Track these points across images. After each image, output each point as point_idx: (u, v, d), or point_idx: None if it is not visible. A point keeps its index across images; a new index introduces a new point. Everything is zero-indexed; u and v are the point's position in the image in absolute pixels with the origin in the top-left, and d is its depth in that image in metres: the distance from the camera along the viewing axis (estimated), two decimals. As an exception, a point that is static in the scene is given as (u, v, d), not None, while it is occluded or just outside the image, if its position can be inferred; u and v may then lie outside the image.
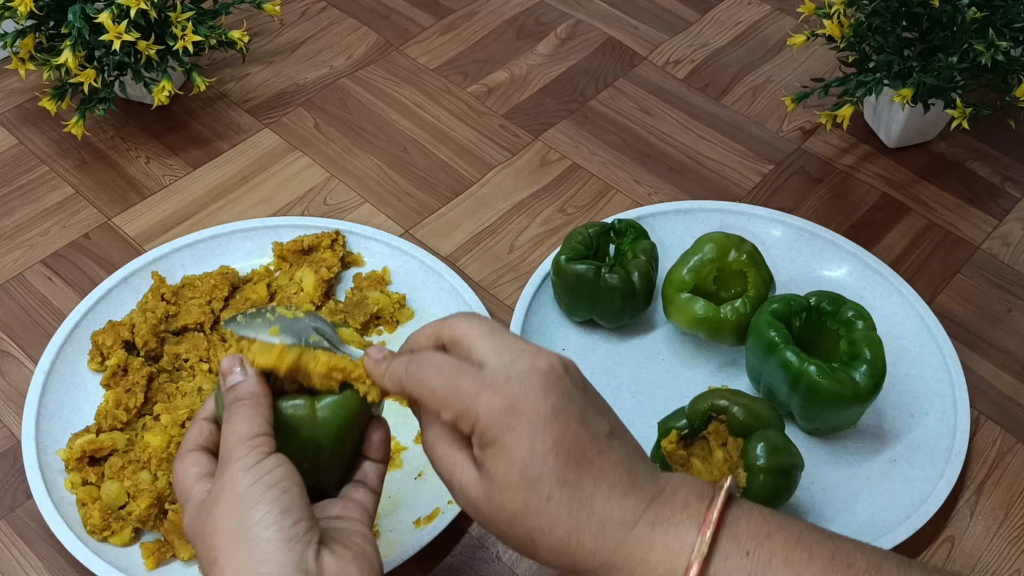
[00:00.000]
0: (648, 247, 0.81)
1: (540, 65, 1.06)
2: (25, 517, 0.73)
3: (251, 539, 0.50)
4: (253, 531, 0.50)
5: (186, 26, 0.89)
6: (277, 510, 0.51)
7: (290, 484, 0.52)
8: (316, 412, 0.56)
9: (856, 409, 0.73)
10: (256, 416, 0.55)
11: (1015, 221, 0.93)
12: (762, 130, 1.00)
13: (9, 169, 0.95)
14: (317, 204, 0.93)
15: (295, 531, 0.51)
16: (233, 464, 0.53)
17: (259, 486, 0.52)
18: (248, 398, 0.55)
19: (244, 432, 0.54)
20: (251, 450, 0.53)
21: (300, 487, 0.53)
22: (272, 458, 0.53)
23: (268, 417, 0.55)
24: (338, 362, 0.57)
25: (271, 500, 0.51)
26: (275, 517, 0.51)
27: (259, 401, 0.55)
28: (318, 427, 0.56)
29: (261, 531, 0.50)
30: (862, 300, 0.83)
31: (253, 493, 0.51)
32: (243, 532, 0.51)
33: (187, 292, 0.83)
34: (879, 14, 0.88)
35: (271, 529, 0.50)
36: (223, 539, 0.51)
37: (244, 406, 0.55)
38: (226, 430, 0.55)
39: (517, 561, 0.71)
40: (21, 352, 0.82)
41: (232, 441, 0.54)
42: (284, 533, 0.50)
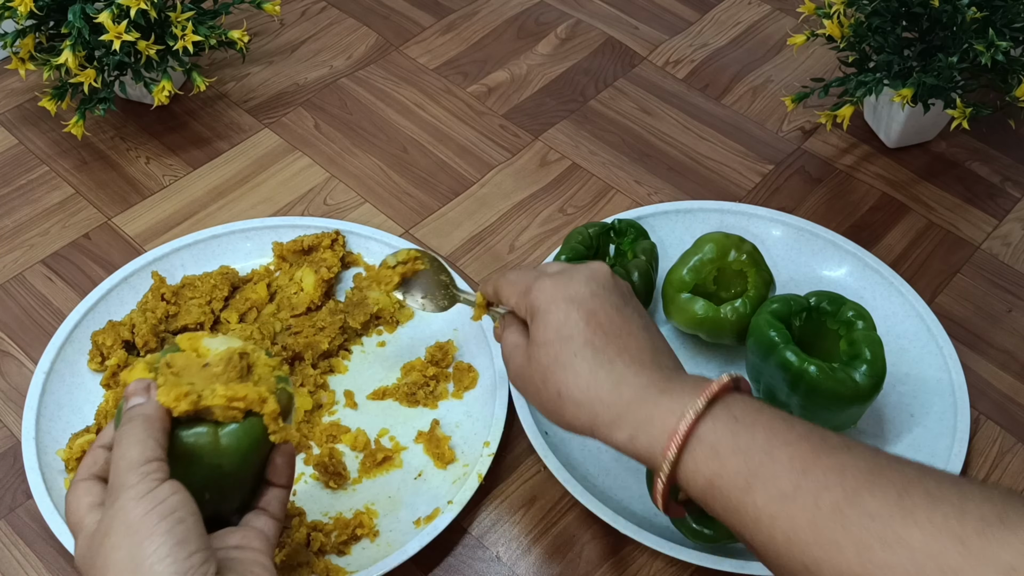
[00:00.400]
0: (648, 247, 0.81)
1: (540, 65, 1.06)
2: (25, 517, 0.73)
3: (144, 573, 0.48)
4: (146, 564, 0.48)
5: (186, 26, 0.89)
6: (172, 542, 0.49)
7: (185, 513, 0.51)
8: (219, 439, 0.55)
9: (856, 409, 0.73)
10: (148, 440, 0.52)
11: (1015, 221, 0.93)
12: (762, 130, 1.00)
13: (9, 169, 0.95)
14: (317, 204, 0.93)
15: (190, 563, 0.49)
16: (124, 493, 0.51)
17: (152, 516, 0.50)
18: (141, 418, 0.53)
19: (135, 458, 0.52)
20: (143, 477, 0.51)
21: (196, 516, 0.51)
22: (166, 486, 0.51)
23: (161, 441, 0.53)
24: (237, 392, 0.55)
25: (165, 531, 0.49)
26: (169, 549, 0.49)
27: (153, 424, 0.53)
28: (221, 454, 0.55)
29: (155, 564, 0.48)
30: (862, 300, 0.83)
31: (146, 523, 0.49)
32: (135, 566, 0.49)
33: (187, 292, 0.83)
34: (879, 14, 0.88)
35: (165, 562, 0.49)
36: (115, 572, 0.49)
37: (137, 428, 0.53)
38: (116, 455, 0.52)
39: (517, 561, 0.71)
40: (21, 352, 0.82)
41: (122, 467, 0.52)
42: (179, 566, 0.49)
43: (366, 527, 0.71)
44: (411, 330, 0.83)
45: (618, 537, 0.71)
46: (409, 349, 0.82)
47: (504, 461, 0.75)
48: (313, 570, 0.68)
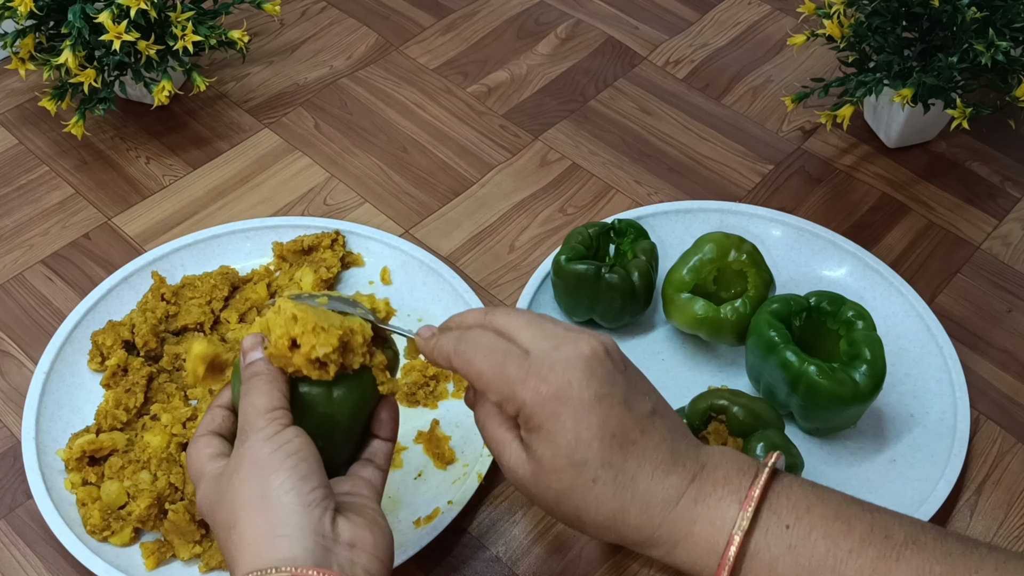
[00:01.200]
0: (648, 247, 0.81)
1: (540, 65, 1.06)
2: (25, 517, 0.73)
3: (270, 504, 0.51)
4: (273, 496, 0.51)
5: (186, 26, 0.89)
6: (296, 476, 0.52)
7: (308, 453, 0.54)
8: (332, 391, 0.57)
9: (856, 409, 0.73)
10: (273, 391, 0.56)
11: (1015, 221, 0.93)
12: (762, 130, 1.00)
13: (9, 169, 0.95)
14: (317, 204, 0.93)
15: (313, 496, 0.52)
16: (253, 435, 0.54)
17: (279, 454, 0.53)
18: (266, 372, 0.56)
19: (262, 405, 0.55)
20: (270, 422, 0.54)
21: (317, 457, 0.54)
22: (290, 430, 0.54)
23: (285, 392, 0.56)
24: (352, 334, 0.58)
25: (291, 467, 0.52)
26: (294, 483, 0.52)
27: (276, 376, 0.56)
28: (333, 405, 0.58)
29: (281, 496, 0.51)
30: (862, 300, 0.83)
31: (273, 461, 0.52)
32: (262, 497, 0.52)
33: (187, 292, 0.83)
34: (879, 14, 0.88)
35: (290, 494, 0.51)
36: (242, 504, 0.52)
37: (262, 380, 0.56)
38: (244, 403, 0.56)
39: (517, 561, 0.71)
40: (21, 352, 0.82)
41: (251, 413, 0.55)
42: (303, 498, 0.52)
43: (366, 527, 0.71)
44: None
45: (618, 537, 0.71)
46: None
47: (504, 461, 0.75)
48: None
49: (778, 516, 0.50)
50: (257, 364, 0.57)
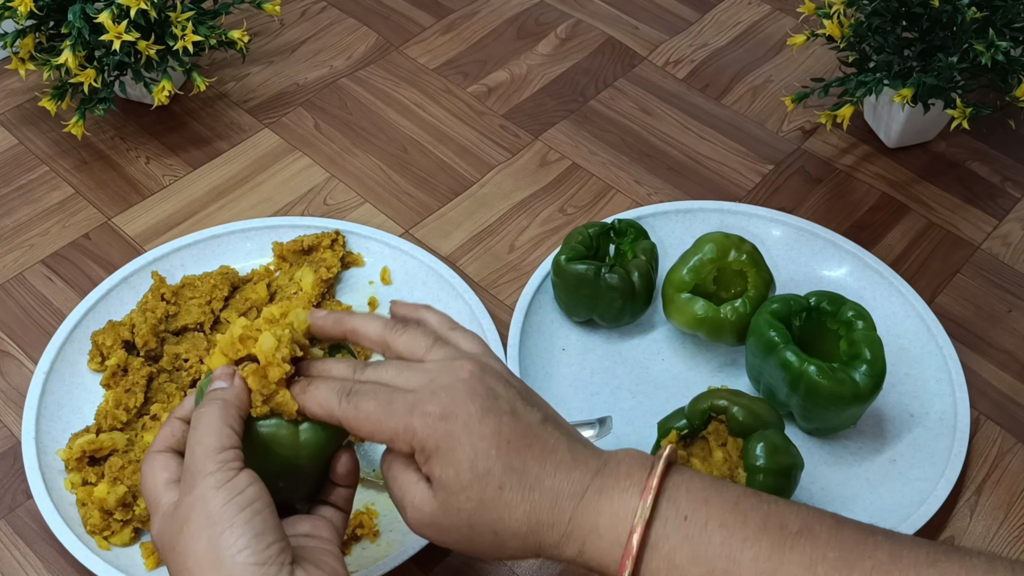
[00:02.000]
0: (648, 247, 0.81)
1: (540, 65, 1.06)
2: (25, 517, 0.73)
3: (224, 564, 0.50)
4: (226, 555, 0.50)
5: (186, 26, 0.89)
6: (250, 534, 0.50)
7: (262, 505, 0.52)
8: (298, 433, 0.56)
9: (856, 409, 0.73)
10: (224, 427, 0.53)
11: (1015, 221, 0.93)
12: (762, 130, 1.00)
13: (9, 169, 0.95)
14: (317, 204, 0.93)
15: (268, 554, 0.50)
16: (202, 480, 0.52)
17: (231, 507, 0.51)
18: (220, 404, 0.54)
19: (212, 445, 0.53)
20: (221, 466, 0.52)
21: (271, 507, 0.52)
22: (243, 476, 0.52)
23: (237, 429, 0.54)
24: None
25: (244, 523, 0.51)
26: (248, 541, 0.50)
27: (230, 411, 0.54)
28: (299, 448, 0.56)
29: (235, 555, 0.50)
30: (862, 300, 0.83)
31: (225, 514, 0.51)
32: (216, 557, 0.50)
33: (187, 292, 0.83)
34: (879, 14, 0.88)
35: (244, 553, 0.50)
36: (195, 561, 0.51)
37: (214, 413, 0.54)
38: (193, 439, 0.54)
39: (517, 561, 0.71)
40: (21, 352, 0.82)
41: (199, 453, 0.53)
42: (257, 557, 0.50)
43: (366, 527, 0.71)
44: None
45: (618, 537, 0.71)
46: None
47: (504, 461, 0.75)
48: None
49: (676, 507, 0.51)
50: (216, 392, 0.55)
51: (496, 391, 0.54)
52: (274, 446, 0.56)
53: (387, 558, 0.68)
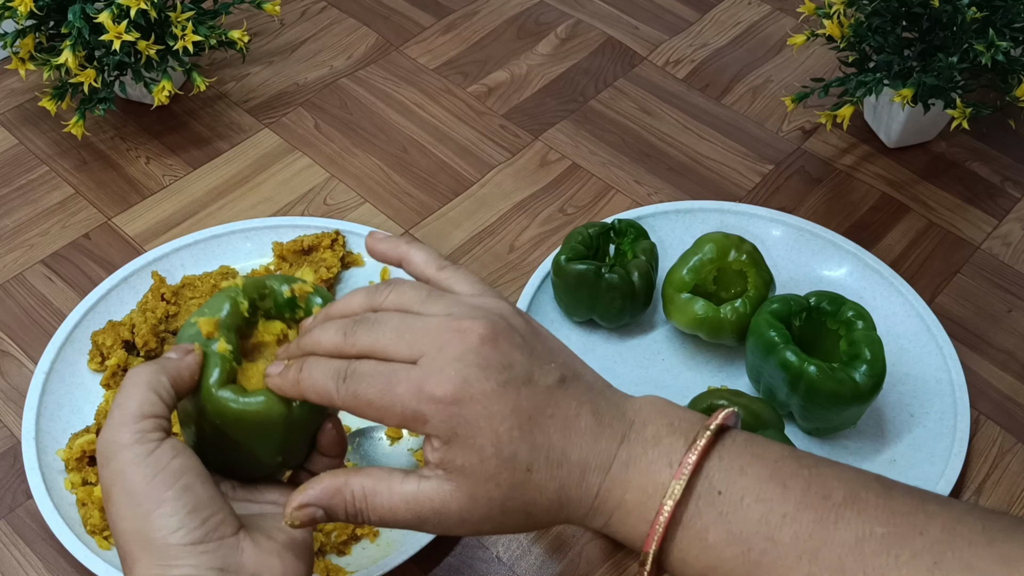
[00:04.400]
0: (648, 247, 0.81)
1: (540, 65, 1.06)
2: (25, 517, 0.73)
3: (157, 545, 0.47)
4: (157, 536, 0.47)
5: (186, 26, 0.89)
6: (183, 511, 0.47)
7: (192, 478, 0.48)
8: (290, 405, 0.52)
9: (856, 409, 0.73)
10: (149, 392, 0.49)
11: (1015, 221, 0.93)
12: (762, 130, 1.00)
13: (9, 169, 0.95)
14: (317, 204, 0.93)
15: (204, 530, 0.47)
16: (119, 453, 0.48)
17: (157, 485, 0.47)
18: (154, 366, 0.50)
19: (131, 411, 0.48)
20: (139, 436, 0.48)
21: (202, 477, 0.49)
22: (166, 447, 0.48)
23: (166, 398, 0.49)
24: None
25: (173, 499, 0.47)
26: (181, 520, 0.47)
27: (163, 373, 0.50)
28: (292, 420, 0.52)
29: (167, 536, 0.47)
30: (862, 300, 0.83)
31: (151, 494, 0.47)
32: (146, 539, 0.47)
33: (187, 292, 0.83)
34: (879, 14, 0.88)
35: (178, 533, 0.47)
36: (127, 542, 0.47)
37: (143, 374, 0.49)
38: (114, 403, 0.49)
39: (517, 561, 0.71)
40: (21, 352, 0.82)
41: (116, 419, 0.48)
42: (193, 535, 0.47)
43: (366, 527, 0.71)
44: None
45: (618, 537, 0.71)
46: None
47: (504, 461, 0.75)
48: (313, 570, 0.68)
49: (710, 481, 0.47)
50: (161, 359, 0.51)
51: (510, 358, 0.49)
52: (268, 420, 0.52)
53: (387, 558, 0.68)
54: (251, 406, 0.51)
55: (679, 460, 0.47)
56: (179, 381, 0.51)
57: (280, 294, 0.56)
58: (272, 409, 0.52)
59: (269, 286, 0.56)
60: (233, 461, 0.54)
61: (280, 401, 0.52)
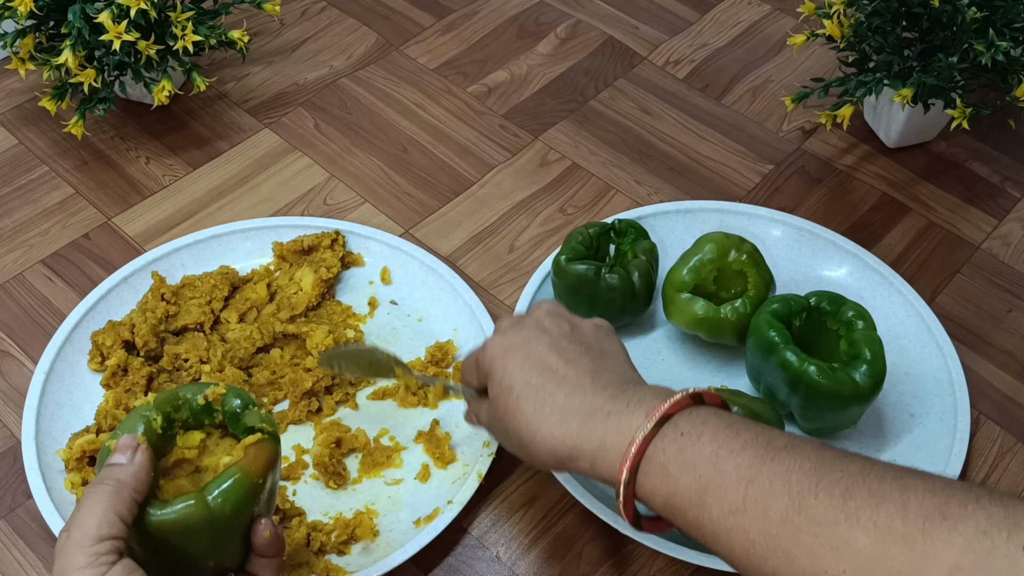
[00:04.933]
0: (648, 247, 0.81)
1: (540, 65, 1.06)
2: (25, 517, 0.73)
3: None
4: None
5: (186, 26, 0.89)
6: None
7: None
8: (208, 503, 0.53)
9: (856, 409, 0.73)
10: (109, 512, 0.50)
11: (1015, 221, 0.93)
12: (762, 130, 1.00)
13: (9, 169, 0.95)
14: (317, 204, 0.93)
15: None
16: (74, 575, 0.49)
17: None
18: (112, 486, 0.51)
19: (88, 533, 0.50)
20: (93, 560, 0.49)
21: None
22: (118, 569, 0.49)
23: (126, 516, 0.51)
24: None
25: None
26: None
27: (122, 493, 0.51)
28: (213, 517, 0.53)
29: None
30: (862, 300, 0.83)
31: None
32: None
33: (187, 292, 0.83)
34: (879, 14, 0.88)
35: None
36: None
37: (102, 495, 0.51)
38: (72, 521, 0.51)
39: (517, 561, 0.71)
40: (21, 352, 0.82)
41: (75, 539, 0.50)
42: None
43: (366, 527, 0.71)
44: (411, 330, 0.83)
45: (618, 537, 0.71)
46: (409, 349, 0.82)
47: (504, 461, 0.75)
48: (313, 570, 0.68)
49: (676, 426, 0.55)
50: (114, 470, 0.52)
51: (543, 327, 0.64)
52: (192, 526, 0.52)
53: (387, 558, 0.68)
54: (170, 515, 0.52)
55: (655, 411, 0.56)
56: (139, 487, 0.52)
57: (194, 402, 0.57)
58: (192, 514, 0.52)
59: (182, 396, 0.57)
60: (175, 568, 0.55)
61: (199, 504, 0.52)
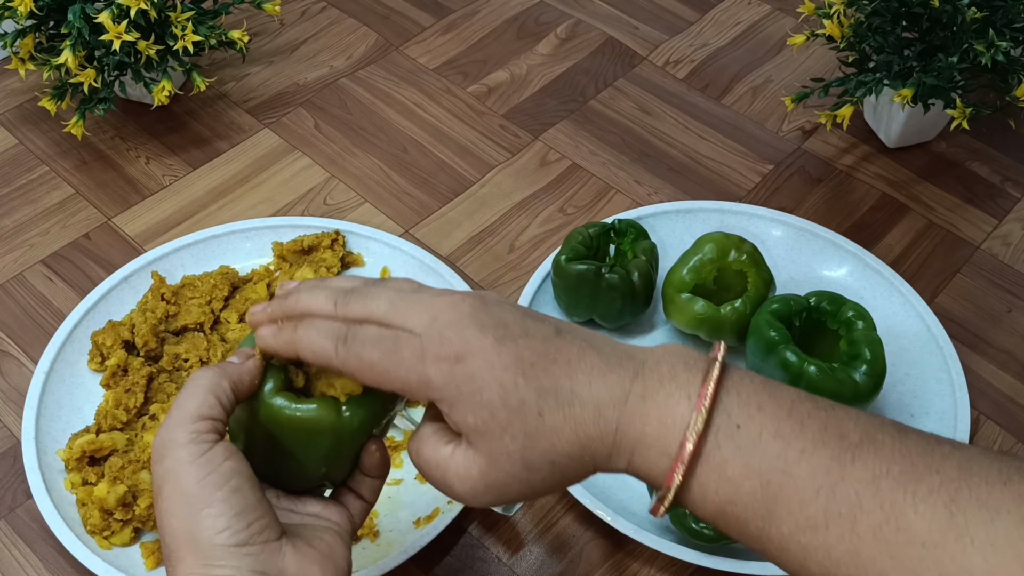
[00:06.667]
0: (648, 247, 0.81)
1: (540, 65, 1.06)
2: (25, 517, 0.73)
3: (202, 544, 0.48)
4: (204, 536, 0.48)
5: (186, 26, 0.89)
6: (230, 513, 0.48)
7: (241, 481, 0.49)
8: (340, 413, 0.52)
9: (856, 409, 0.73)
10: (208, 395, 0.50)
11: (1015, 221, 0.93)
12: (762, 130, 1.00)
13: (9, 169, 0.95)
14: (317, 204, 0.93)
15: (249, 533, 0.48)
16: (174, 451, 0.49)
17: (207, 485, 0.48)
18: (215, 372, 0.51)
19: (189, 411, 0.49)
20: (194, 436, 0.49)
21: (251, 481, 0.50)
22: (219, 449, 0.49)
23: (225, 402, 0.51)
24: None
25: (222, 501, 0.48)
26: (228, 521, 0.48)
27: (223, 381, 0.51)
28: (342, 428, 0.53)
29: (213, 536, 0.48)
30: (862, 300, 0.83)
31: (202, 493, 0.48)
32: (193, 537, 0.48)
33: (187, 292, 0.83)
34: (879, 14, 0.88)
35: (224, 534, 0.48)
36: (174, 539, 0.48)
37: (204, 378, 0.51)
38: (174, 403, 0.51)
39: (517, 561, 0.71)
40: (21, 352, 0.82)
41: (174, 418, 0.50)
42: (238, 537, 0.48)
43: (366, 527, 0.71)
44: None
45: (618, 537, 0.71)
46: (409, 349, 0.81)
47: (504, 461, 0.75)
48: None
49: (728, 415, 0.46)
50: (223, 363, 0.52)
51: (503, 317, 0.49)
52: (317, 428, 0.52)
53: (387, 558, 0.68)
54: (303, 412, 0.52)
55: (697, 393, 0.47)
56: (239, 385, 0.52)
57: None
58: (323, 418, 0.52)
59: None
60: (280, 470, 0.55)
61: (331, 410, 0.52)
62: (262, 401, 0.53)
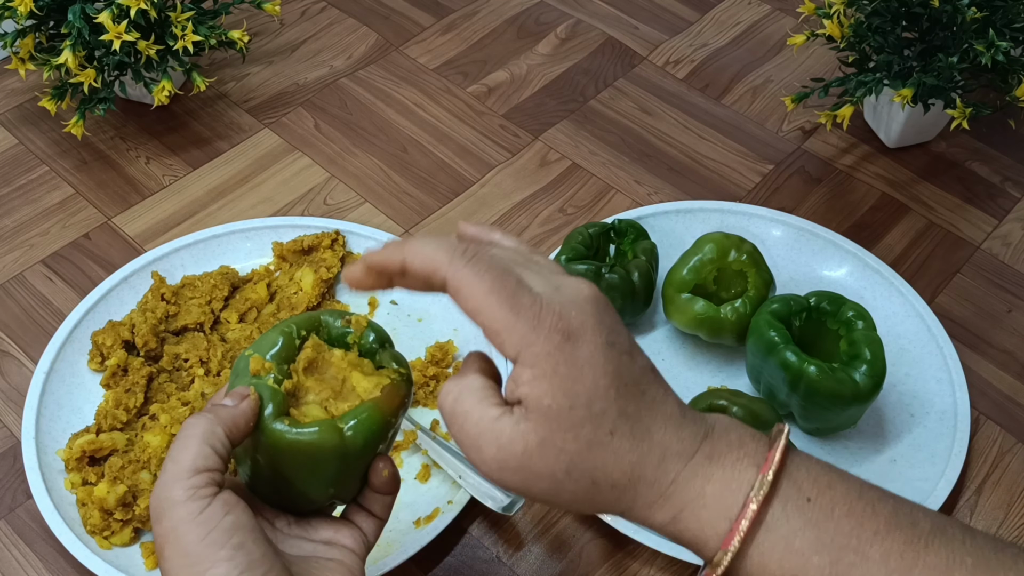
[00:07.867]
0: (648, 247, 0.81)
1: (540, 65, 1.06)
2: (25, 517, 0.73)
3: None
4: None
5: (186, 26, 0.89)
6: (235, 573, 0.47)
7: (244, 536, 0.48)
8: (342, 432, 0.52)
9: (856, 409, 0.73)
10: (203, 446, 0.49)
11: (1015, 221, 0.93)
12: (762, 130, 1.00)
13: (9, 169, 0.95)
14: (317, 204, 0.93)
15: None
16: (172, 511, 0.48)
17: (210, 544, 0.47)
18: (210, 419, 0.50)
19: (185, 466, 0.48)
20: (192, 493, 0.48)
21: (255, 532, 0.49)
22: (218, 503, 0.48)
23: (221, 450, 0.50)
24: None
25: (226, 560, 0.47)
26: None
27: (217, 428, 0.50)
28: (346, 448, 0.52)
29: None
30: (862, 300, 0.83)
31: (206, 553, 0.47)
32: None
33: (187, 292, 0.83)
34: (879, 14, 0.88)
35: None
36: None
37: (200, 424, 0.50)
38: (168, 454, 0.50)
39: (517, 561, 0.71)
40: (21, 352, 0.82)
41: (170, 473, 0.49)
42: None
43: (366, 527, 0.71)
44: (411, 330, 0.83)
45: (618, 537, 0.71)
46: (409, 349, 0.81)
47: (504, 461, 0.75)
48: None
49: (798, 487, 0.46)
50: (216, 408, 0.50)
51: (617, 327, 0.47)
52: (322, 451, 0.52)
53: (387, 558, 0.68)
54: (305, 436, 0.51)
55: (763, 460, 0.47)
56: (235, 431, 0.51)
57: (334, 327, 0.57)
58: (326, 440, 0.52)
59: (323, 320, 0.57)
60: (287, 494, 0.54)
61: (333, 432, 0.52)
62: (264, 426, 0.52)
